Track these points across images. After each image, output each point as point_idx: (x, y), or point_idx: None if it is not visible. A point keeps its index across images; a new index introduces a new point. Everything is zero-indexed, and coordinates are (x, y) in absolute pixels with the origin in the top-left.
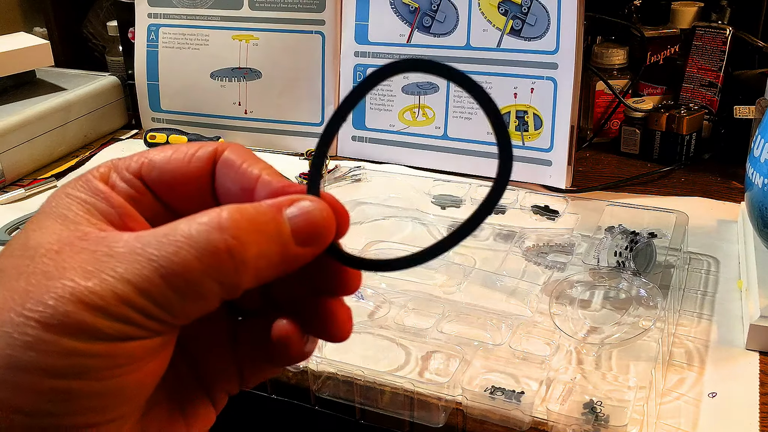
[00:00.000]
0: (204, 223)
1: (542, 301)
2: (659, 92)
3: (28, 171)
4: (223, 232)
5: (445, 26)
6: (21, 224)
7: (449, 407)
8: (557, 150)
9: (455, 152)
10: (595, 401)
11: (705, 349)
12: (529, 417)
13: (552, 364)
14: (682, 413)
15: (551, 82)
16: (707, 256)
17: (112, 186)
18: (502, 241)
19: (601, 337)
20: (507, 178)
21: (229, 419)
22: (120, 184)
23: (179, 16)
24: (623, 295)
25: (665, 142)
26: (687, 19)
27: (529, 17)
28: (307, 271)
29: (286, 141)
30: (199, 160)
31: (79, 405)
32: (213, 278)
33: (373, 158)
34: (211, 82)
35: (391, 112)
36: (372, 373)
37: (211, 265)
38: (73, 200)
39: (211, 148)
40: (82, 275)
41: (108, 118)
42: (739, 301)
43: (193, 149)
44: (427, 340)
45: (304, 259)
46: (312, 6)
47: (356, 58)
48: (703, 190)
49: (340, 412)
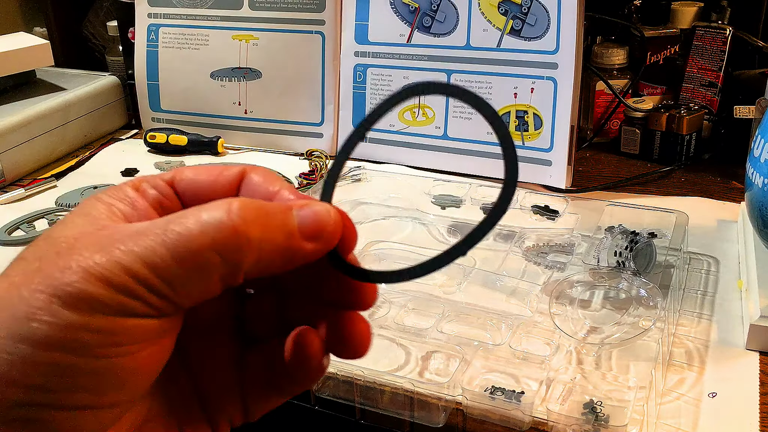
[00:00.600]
0: (214, 205)
1: (542, 301)
2: (659, 92)
3: (28, 171)
4: (230, 213)
5: (445, 26)
6: (21, 224)
7: (449, 407)
8: (557, 150)
9: (455, 152)
10: (595, 401)
11: (705, 349)
12: (529, 417)
13: (552, 364)
14: (682, 413)
15: (551, 82)
16: (707, 256)
17: (142, 193)
18: (502, 241)
19: (601, 337)
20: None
21: None
22: (150, 191)
23: (179, 16)
24: (623, 295)
25: (665, 142)
26: (687, 19)
27: (529, 17)
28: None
29: (286, 141)
30: (226, 176)
31: (72, 382)
32: (215, 250)
33: (373, 158)
34: (211, 82)
35: (391, 112)
36: (372, 373)
37: (214, 238)
38: (100, 202)
39: (240, 167)
40: (93, 251)
41: (108, 118)
42: (739, 301)
43: (224, 167)
44: (427, 340)
45: (308, 255)
46: (312, 6)
47: (356, 58)
48: (703, 190)
49: (340, 412)
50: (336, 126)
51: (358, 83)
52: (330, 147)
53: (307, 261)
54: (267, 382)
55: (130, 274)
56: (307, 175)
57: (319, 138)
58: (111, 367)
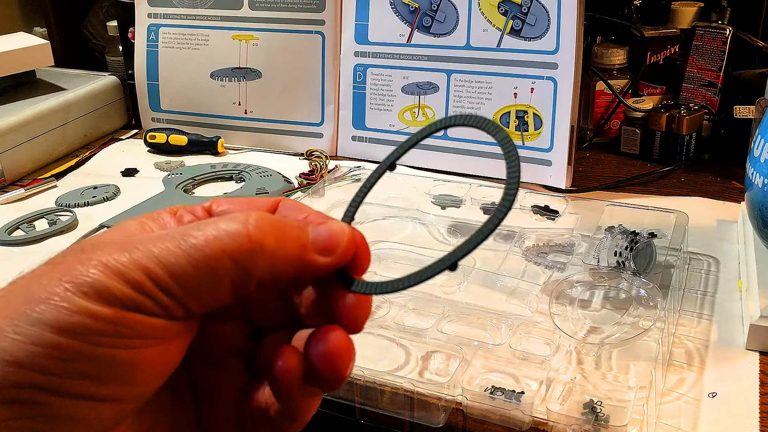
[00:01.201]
0: (233, 216)
1: (542, 301)
2: (659, 92)
3: (28, 171)
4: (247, 224)
5: (445, 26)
6: (21, 224)
7: (449, 407)
8: (557, 150)
9: (455, 152)
10: (595, 401)
11: (705, 349)
12: (529, 417)
13: (552, 364)
14: (682, 413)
15: (551, 82)
16: (707, 256)
17: (179, 218)
18: (502, 241)
19: (601, 337)
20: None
21: None
22: (186, 216)
23: (179, 16)
24: (623, 295)
25: (665, 142)
26: (687, 19)
27: (529, 17)
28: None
29: (286, 141)
30: (260, 204)
31: (75, 367)
32: (228, 255)
33: (373, 158)
34: (211, 82)
35: (391, 112)
36: (372, 373)
37: (228, 243)
38: (134, 220)
39: (276, 198)
40: (115, 250)
41: (108, 118)
42: (739, 301)
43: (260, 198)
44: (427, 340)
45: (320, 268)
46: (312, 6)
47: (356, 58)
48: (703, 190)
49: (340, 412)
50: (336, 126)
51: (358, 83)
52: (330, 147)
53: (319, 274)
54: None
55: (144, 272)
56: (307, 175)
57: (319, 138)
58: (114, 358)
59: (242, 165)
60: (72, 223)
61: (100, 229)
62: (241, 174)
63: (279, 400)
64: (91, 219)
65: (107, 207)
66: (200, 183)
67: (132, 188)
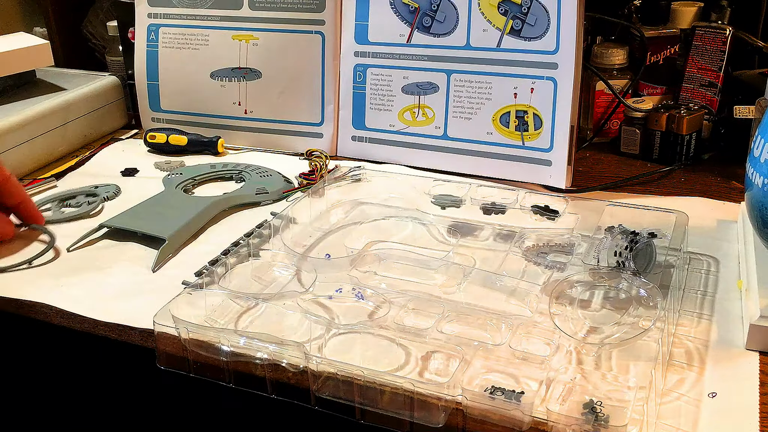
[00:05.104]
0: None
1: (542, 301)
2: (659, 92)
3: (28, 171)
4: None
5: (445, 26)
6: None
7: (449, 407)
8: (557, 150)
9: (455, 152)
10: (595, 401)
11: (705, 349)
12: (529, 417)
13: (552, 364)
14: (682, 413)
15: (551, 82)
16: (707, 256)
17: None
18: (502, 241)
19: (601, 337)
20: None
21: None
22: None
23: (179, 16)
24: (623, 295)
25: (665, 142)
26: (687, 19)
27: (529, 17)
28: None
29: (286, 141)
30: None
31: None
32: None
33: (373, 158)
34: (211, 82)
35: (391, 112)
36: (372, 373)
37: None
38: None
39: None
40: None
41: (108, 118)
42: (739, 301)
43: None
44: (427, 340)
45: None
46: (312, 6)
47: (356, 58)
48: (703, 190)
49: (340, 412)
50: (336, 126)
51: (358, 83)
52: (330, 147)
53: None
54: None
55: None
56: (307, 175)
57: (319, 138)
58: None
59: (242, 165)
60: None
61: (100, 229)
62: (241, 174)
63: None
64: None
65: (107, 207)
66: (200, 183)
67: (132, 188)
